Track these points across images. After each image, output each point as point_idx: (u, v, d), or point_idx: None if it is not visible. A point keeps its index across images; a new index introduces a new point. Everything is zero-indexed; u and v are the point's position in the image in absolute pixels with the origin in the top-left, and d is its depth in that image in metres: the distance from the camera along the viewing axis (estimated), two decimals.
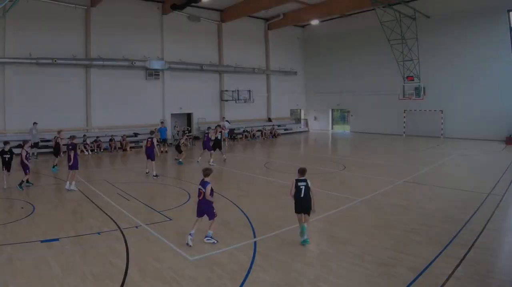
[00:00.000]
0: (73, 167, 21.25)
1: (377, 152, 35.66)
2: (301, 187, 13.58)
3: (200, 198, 13.18)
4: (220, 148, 29.24)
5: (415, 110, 48.56)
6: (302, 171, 14.09)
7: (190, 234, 12.85)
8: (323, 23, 56.35)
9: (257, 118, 55.56)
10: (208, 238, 13.04)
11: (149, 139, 24.95)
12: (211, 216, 13.15)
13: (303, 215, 13.29)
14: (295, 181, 13.76)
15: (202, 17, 48.55)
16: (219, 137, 29.55)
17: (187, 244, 12.66)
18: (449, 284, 9.88)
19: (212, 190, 13.29)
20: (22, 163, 20.66)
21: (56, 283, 9.93)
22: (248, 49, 54.29)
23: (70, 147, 21.79)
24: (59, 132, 29.01)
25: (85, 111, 40.76)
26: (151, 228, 14.45)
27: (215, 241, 12.95)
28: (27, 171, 20.84)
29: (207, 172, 13.53)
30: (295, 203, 13.53)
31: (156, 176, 24.46)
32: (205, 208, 13.18)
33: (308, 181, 13.75)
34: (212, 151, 29.30)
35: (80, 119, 40.40)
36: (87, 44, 40.20)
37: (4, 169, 21.87)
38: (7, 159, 22.05)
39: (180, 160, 29.99)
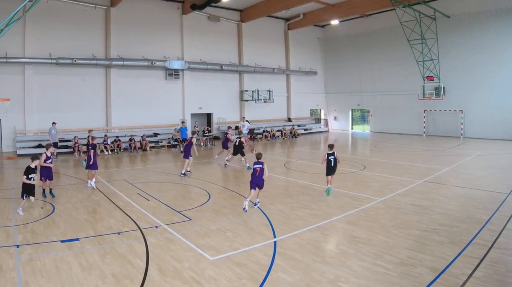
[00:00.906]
0: (93, 167, 21.56)
1: (397, 152, 35.46)
2: (330, 158, 19.61)
3: (257, 174, 17.10)
4: (242, 154, 28.13)
5: (435, 110, 48.41)
6: (331, 146, 20.06)
7: (247, 200, 16.67)
8: (343, 23, 56.32)
9: (277, 118, 55.52)
10: (257, 204, 17.24)
11: (189, 138, 24.94)
12: (262, 187, 17.31)
13: (331, 177, 19.65)
14: (326, 154, 19.81)
15: (222, 17, 48.59)
16: (236, 143, 28.44)
17: (244, 209, 16.37)
18: (469, 284, 9.75)
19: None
20: (41, 167, 18.80)
21: (76, 283, 9.94)
22: (268, 49, 54.25)
23: (90, 147, 22.22)
24: (90, 131, 30.34)
25: (105, 111, 41.00)
26: (171, 228, 14.39)
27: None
28: (44, 177, 18.97)
29: (259, 155, 18.16)
30: (326, 169, 19.79)
31: (184, 174, 24.52)
32: (259, 182, 17.09)
33: (335, 153, 19.73)
34: (230, 151, 29.08)
35: (100, 119, 40.67)
36: (107, 44, 40.41)
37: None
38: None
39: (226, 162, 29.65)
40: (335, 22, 54.56)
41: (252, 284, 9.94)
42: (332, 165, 19.57)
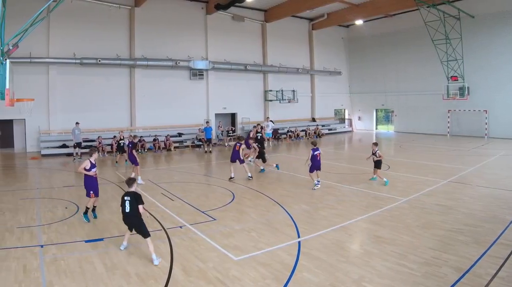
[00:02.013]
0: (133, 162, 22.82)
1: (421, 152, 35.27)
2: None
3: (318, 158, 20.61)
4: (264, 160, 27.35)
5: (459, 110, 48.11)
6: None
7: (317, 182, 20.87)
8: (368, 23, 56.21)
9: (301, 118, 55.39)
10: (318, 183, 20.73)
11: (237, 145, 24.62)
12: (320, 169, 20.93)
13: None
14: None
15: (246, 17, 48.55)
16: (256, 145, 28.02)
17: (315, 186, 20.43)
18: (493, 284, 9.69)
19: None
20: (85, 178, 15.97)
21: (101, 283, 9.99)
22: (292, 49, 54.10)
23: (130, 145, 23.11)
24: (120, 132, 30.96)
25: (129, 111, 41.18)
26: (195, 228, 14.43)
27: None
28: (91, 191, 15.78)
29: (315, 141, 21.39)
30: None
31: (251, 177, 23.95)
32: (318, 166, 20.73)
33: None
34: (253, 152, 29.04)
35: (124, 119, 40.83)
36: (131, 44, 40.61)
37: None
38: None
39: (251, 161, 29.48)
40: (359, 22, 54.47)
41: (276, 284, 9.95)
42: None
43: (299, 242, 12.88)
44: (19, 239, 13.23)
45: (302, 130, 50.88)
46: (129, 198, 11.92)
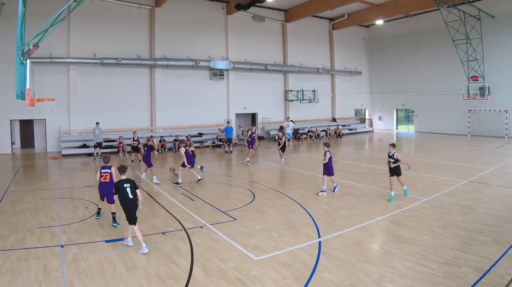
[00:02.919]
0: (146, 164, 23.63)
1: (441, 152, 35.13)
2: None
3: (326, 162, 19.49)
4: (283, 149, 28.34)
5: (480, 110, 47.85)
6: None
7: (336, 185, 19.99)
8: (388, 23, 55.97)
9: (321, 118, 55.26)
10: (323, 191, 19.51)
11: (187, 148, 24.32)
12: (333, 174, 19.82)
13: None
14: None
15: (266, 17, 48.53)
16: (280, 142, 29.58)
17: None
18: None
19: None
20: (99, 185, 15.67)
21: (121, 283, 10.03)
22: (313, 49, 53.98)
23: (146, 148, 23.88)
24: (134, 132, 30.82)
25: (150, 111, 41.33)
26: (215, 228, 14.44)
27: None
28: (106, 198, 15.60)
29: (328, 143, 20.21)
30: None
31: (180, 183, 23.30)
32: (330, 168, 19.70)
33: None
34: (252, 149, 30.02)
35: (144, 119, 41.03)
36: (152, 44, 40.73)
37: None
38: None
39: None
40: (379, 22, 54.35)
41: (296, 284, 9.94)
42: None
43: (319, 242, 12.88)
44: (40, 239, 13.28)
45: (323, 131, 50.72)
46: (129, 185, 12.48)
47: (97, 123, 33.70)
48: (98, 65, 37.52)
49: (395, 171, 18.66)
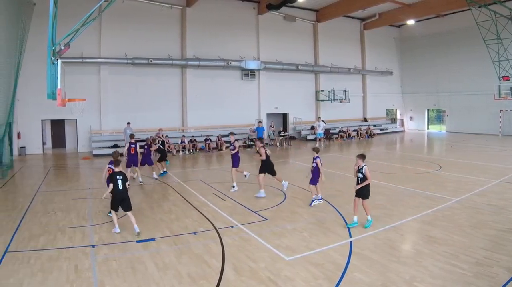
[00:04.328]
0: (147, 162, 23.76)
1: (473, 152, 35.01)
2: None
3: (321, 169, 17.32)
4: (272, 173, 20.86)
5: (511, 110, 47.46)
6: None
7: (314, 199, 17.63)
8: (419, 23, 55.75)
9: (352, 118, 55.20)
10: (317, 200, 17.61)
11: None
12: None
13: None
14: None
15: (297, 17, 48.51)
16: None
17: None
18: None
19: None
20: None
21: (152, 283, 10.05)
22: (344, 49, 53.90)
23: (146, 147, 24.21)
24: (159, 130, 30.82)
25: (181, 111, 41.55)
26: (247, 228, 14.46)
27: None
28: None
29: (317, 148, 17.89)
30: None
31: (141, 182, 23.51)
32: (316, 177, 17.38)
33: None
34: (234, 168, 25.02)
35: (175, 119, 41.27)
36: (183, 44, 40.93)
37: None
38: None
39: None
40: (411, 22, 54.18)
41: (328, 284, 9.92)
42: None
43: (350, 242, 12.85)
44: (71, 239, 13.37)
45: (354, 131, 50.68)
46: (121, 177, 13.61)
47: (128, 123, 34.08)
48: (129, 65, 37.81)
49: (360, 192, 14.52)
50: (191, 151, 37.33)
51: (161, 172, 25.32)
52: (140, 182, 23.05)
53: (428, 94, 57.64)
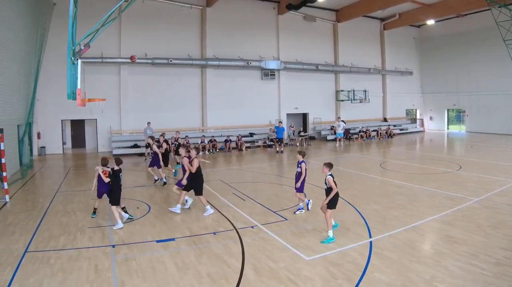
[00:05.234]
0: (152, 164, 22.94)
1: (493, 152, 34.90)
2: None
3: (304, 175, 16.24)
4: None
5: None
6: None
7: (301, 207, 16.50)
8: (439, 23, 55.57)
9: (372, 118, 55.13)
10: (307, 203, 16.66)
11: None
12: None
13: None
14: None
15: (317, 17, 48.47)
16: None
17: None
18: None
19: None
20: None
21: (172, 283, 10.05)
22: (364, 49, 53.81)
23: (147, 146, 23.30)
24: (177, 132, 31.06)
25: (201, 111, 41.67)
26: (266, 228, 14.43)
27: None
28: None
29: (303, 152, 16.84)
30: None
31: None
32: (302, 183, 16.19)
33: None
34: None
35: (195, 119, 41.38)
36: (203, 44, 41.04)
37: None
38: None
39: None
40: (431, 22, 54.06)
41: (348, 284, 9.89)
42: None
43: (370, 242, 12.80)
44: (91, 239, 13.42)
45: (374, 131, 50.59)
46: (121, 173, 14.78)
47: (149, 123, 34.27)
48: (149, 65, 37.96)
49: (331, 203, 13.20)
50: (211, 151, 37.36)
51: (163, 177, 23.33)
52: (164, 182, 22.86)
53: (448, 94, 57.44)
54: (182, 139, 33.56)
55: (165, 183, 22.67)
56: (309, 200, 16.60)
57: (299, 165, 16.34)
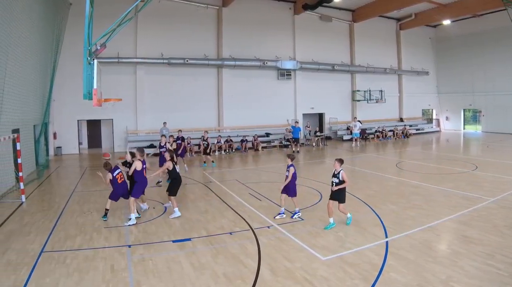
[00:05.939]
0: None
1: (508, 152, 34.80)
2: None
3: (289, 180, 15.77)
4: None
5: None
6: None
7: (297, 211, 16.07)
8: (455, 23, 55.36)
9: (388, 118, 54.96)
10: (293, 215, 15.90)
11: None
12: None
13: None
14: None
15: (333, 17, 48.47)
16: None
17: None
18: None
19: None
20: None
21: (188, 283, 10.07)
22: (380, 49, 53.73)
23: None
24: (205, 132, 30.54)
25: (217, 111, 41.74)
26: (283, 228, 14.43)
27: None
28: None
29: (293, 155, 16.52)
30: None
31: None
32: (292, 187, 15.97)
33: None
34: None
35: (211, 119, 41.45)
36: (219, 44, 41.10)
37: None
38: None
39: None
40: (447, 22, 53.97)
41: (364, 284, 9.90)
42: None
43: (386, 242, 12.80)
44: (107, 239, 13.48)
45: (390, 131, 50.48)
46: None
47: (165, 123, 34.24)
48: (165, 65, 38.08)
49: (337, 196, 14.44)
50: (227, 151, 37.40)
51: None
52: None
53: (464, 94, 57.26)
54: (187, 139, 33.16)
55: (159, 182, 23.45)
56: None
57: (288, 169, 16.10)
